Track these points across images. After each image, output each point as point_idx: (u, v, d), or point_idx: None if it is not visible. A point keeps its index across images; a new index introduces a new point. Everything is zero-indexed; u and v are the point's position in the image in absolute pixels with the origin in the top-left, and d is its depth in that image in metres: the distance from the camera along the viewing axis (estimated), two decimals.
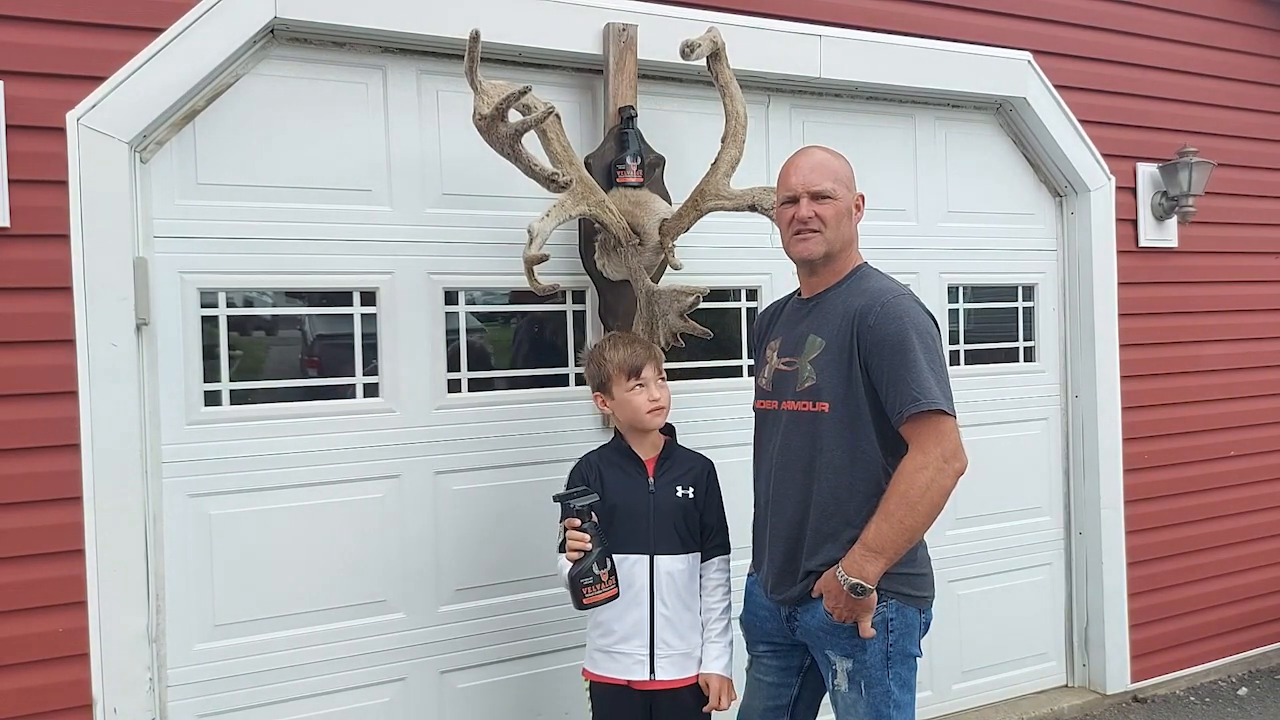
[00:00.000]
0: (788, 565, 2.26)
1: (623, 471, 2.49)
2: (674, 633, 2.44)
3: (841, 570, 2.11)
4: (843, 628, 2.16)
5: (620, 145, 2.99)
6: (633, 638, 2.43)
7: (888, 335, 2.12)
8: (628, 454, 2.52)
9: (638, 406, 2.46)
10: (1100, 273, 4.05)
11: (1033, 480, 4.07)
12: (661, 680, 2.43)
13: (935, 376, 2.11)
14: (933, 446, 2.08)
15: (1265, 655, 4.59)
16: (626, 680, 2.43)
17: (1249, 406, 4.47)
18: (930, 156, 3.82)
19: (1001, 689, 4.03)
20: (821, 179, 2.24)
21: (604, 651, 2.46)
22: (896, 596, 2.17)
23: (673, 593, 2.45)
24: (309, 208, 2.79)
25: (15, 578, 2.44)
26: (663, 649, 2.43)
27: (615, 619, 2.43)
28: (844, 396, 2.17)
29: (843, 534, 2.16)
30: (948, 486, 2.09)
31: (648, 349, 2.54)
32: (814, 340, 2.25)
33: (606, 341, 2.58)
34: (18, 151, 2.42)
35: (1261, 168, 4.50)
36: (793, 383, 2.27)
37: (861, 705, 2.19)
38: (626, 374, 2.46)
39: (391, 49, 2.89)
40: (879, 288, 2.22)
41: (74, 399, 2.47)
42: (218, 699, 2.70)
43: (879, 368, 2.13)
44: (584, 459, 2.56)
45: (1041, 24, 3.91)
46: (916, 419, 2.09)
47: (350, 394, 2.90)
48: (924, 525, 2.10)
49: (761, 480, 2.38)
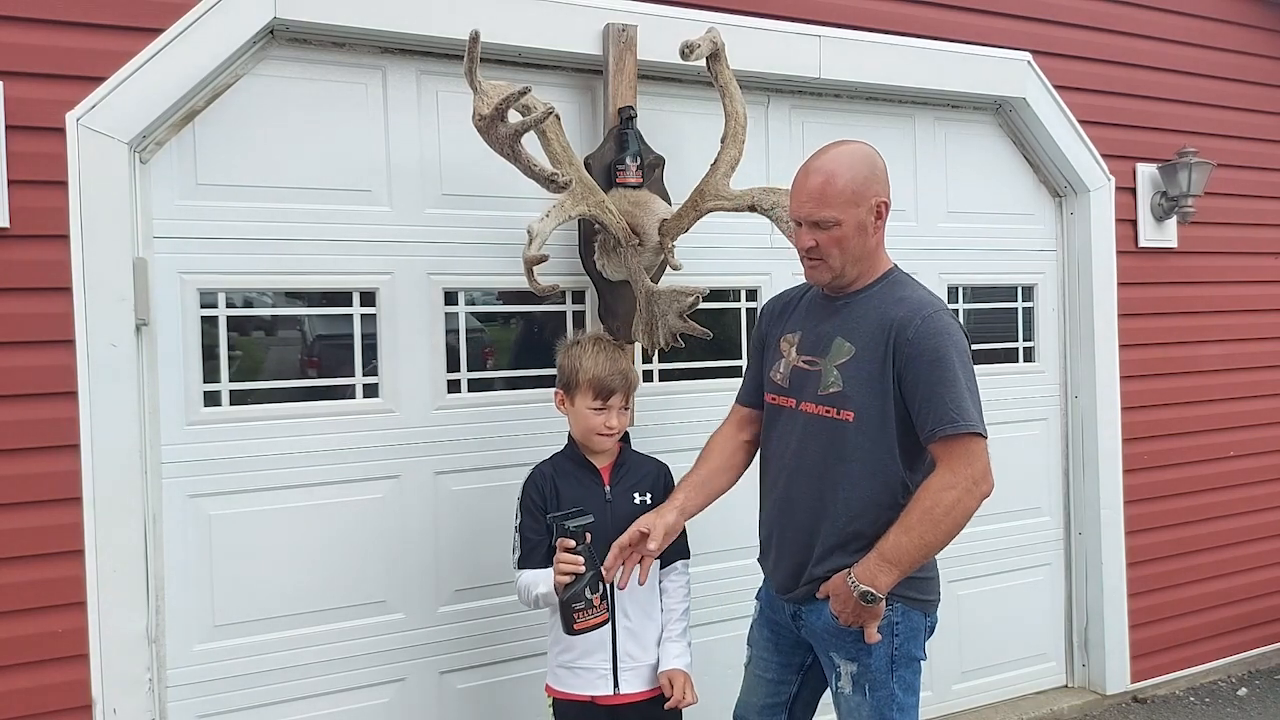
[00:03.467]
0: (796, 566, 2.25)
1: (578, 481, 2.43)
2: (637, 644, 2.40)
3: (853, 577, 2.09)
4: (848, 631, 2.15)
5: (620, 146, 2.99)
6: (595, 652, 2.37)
7: (926, 351, 2.08)
8: (582, 463, 2.46)
9: (591, 427, 2.41)
10: (1100, 273, 4.05)
11: (1032, 480, 4.07)
12: (627, 694, 2.38)
13: (971, 397, 2.09)
14: (963, 467, 2.06)
15: (1265, 655, 4.59)
16: (590, 696, 2.38)
17: (1249, 407, 4.48)
18: (930, 157, 3.82)
19: (1001, 689, 4.03)
20: (819, 209, 2.13)
21: (566, 667, 2.40)
22: (902, 600, 2.16)
23: (635, 604, 2.40)
24: (309, 208, 2.79)
25: (15, 578, 2.44)
26: (626, 662, 2.38)
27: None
28: (872, 408, 2.13)
29: (853, 543, 2.15)
30: (972, 508, 2.07)
31: (624, 375, 2.43)
32: (842, 344, 2.19)
33: (590, 346, 2.47)
34: (17, 152, 2.42)
35: (1261, 168, 4.50)
36: (815, 384, 2.22)
37: (865, 708, 2.18)
38: (595, 393, 2.39)
39: (391, 49, 2.89)
40: (918, 299, 2.17)
41: (74, 399, 2.47)
42: (217, 699, 2.70)
43: (913, 383, 2.09)
44: (537, 470, 2.49)
45: (1041, 24, 3.91)
46: (950, 439, 2.06)
47: (350, 394, 2.90)
48: (942, 544, 2.08)
49: (771, 476, 2.35)
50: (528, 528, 2.42)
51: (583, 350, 2.45)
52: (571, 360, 2.45)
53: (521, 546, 2.43)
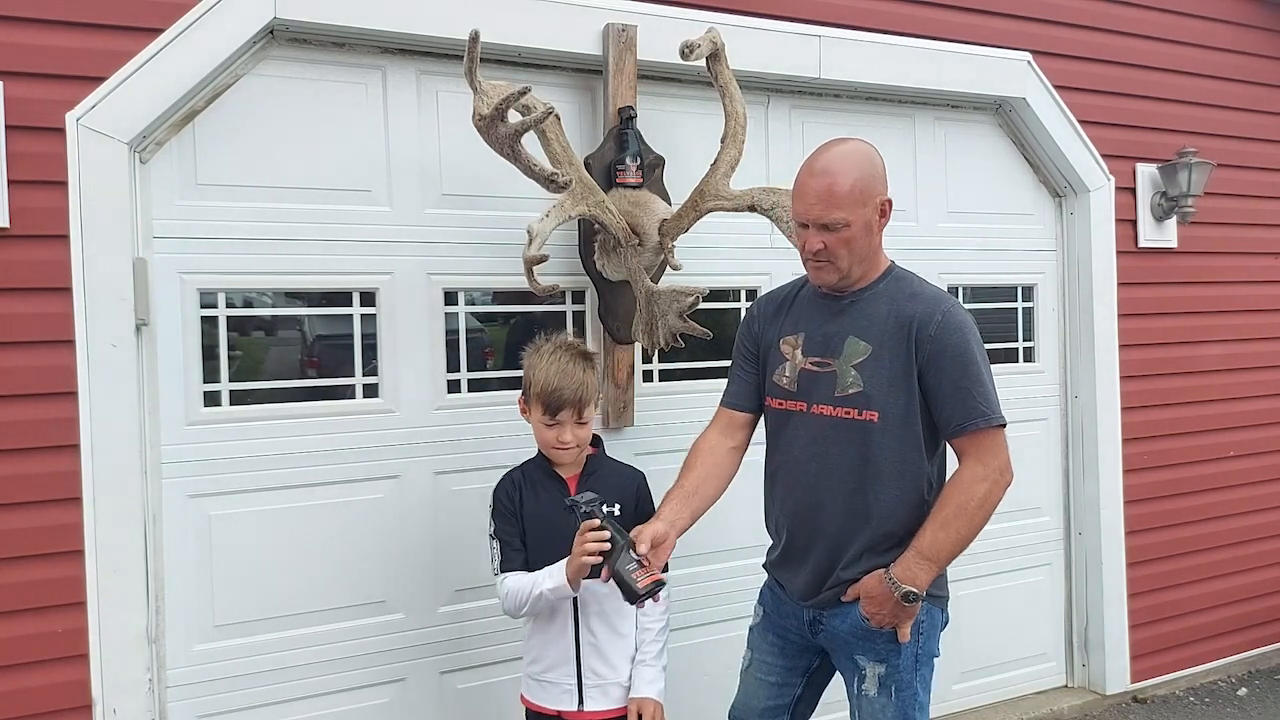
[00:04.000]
0: (822, 571, 2.22)
1: (544, 490, 2.35)
2: (602, 661, 2.31)
3: (893, 577, 2.08)
4: (878, 633, 2.14)
5: (620, 146, 2.99)
6: (559, 666, 2.31)
7: (950, 346, 2.09)
8: (549, 473, 2.37)
9: (546, 441, 2.32)
10: (1100, 273, 4.05)
11: (1032, 480, 4.07)
12: (592, 711, 2.30)
13: (994, 390, 2.12)
14: (990, 460, 2.09)
15: (1265, 655, 4.60)
16: (557, 710, 2.33)
17: (1248, 407, 4.48)
18: (930, 157, 3.82)
19: (1001, 689, 4.03)
20: (828, 210, 2.09)
21: (535, 679, 2.36)
22: (925, 598, 2.15)
23: (600, 618, 2.31)
24: (309, 208, 2.79)
25: (15, 578, 2.44)
26: (591, 678, 2.31)
27: (543, 646, 2.33)
28: (896, 407, 2.13)
29: (883, 544, 2.15)
30: (998, 500, 2.11)
31: (576, 390, 2.26)
32: (856, 343, 2.17)
33: (548, 354, 2.32)
34: (17, 152, 2.42)
35: (1261, 168, 4.50)
36: (830, 386, 2.19)
37: (890, 709, 2.16)
38: (543, 407, 2.28)
39: (391, 49, 2.89)
40: (933, 294, 2.18)
41: (74, 399, 2.47)
42: (217, 699, 2.70)
43: (938, 378, 2.10)
44: (507, 476, 2.41)
45: (1041, 24, 3.92)
46: (979, 433, 2.08)
47: (350, 394, 2.90)
48: (974, 537, 2.10)
49: (786, 483, 2.29)
50: (504, 532, 2.34)
51: (539, 357, 2.33)
52: (528, 369, 2.35)
53: (502, 551, 2.34)
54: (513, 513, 2.35)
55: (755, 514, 2.48)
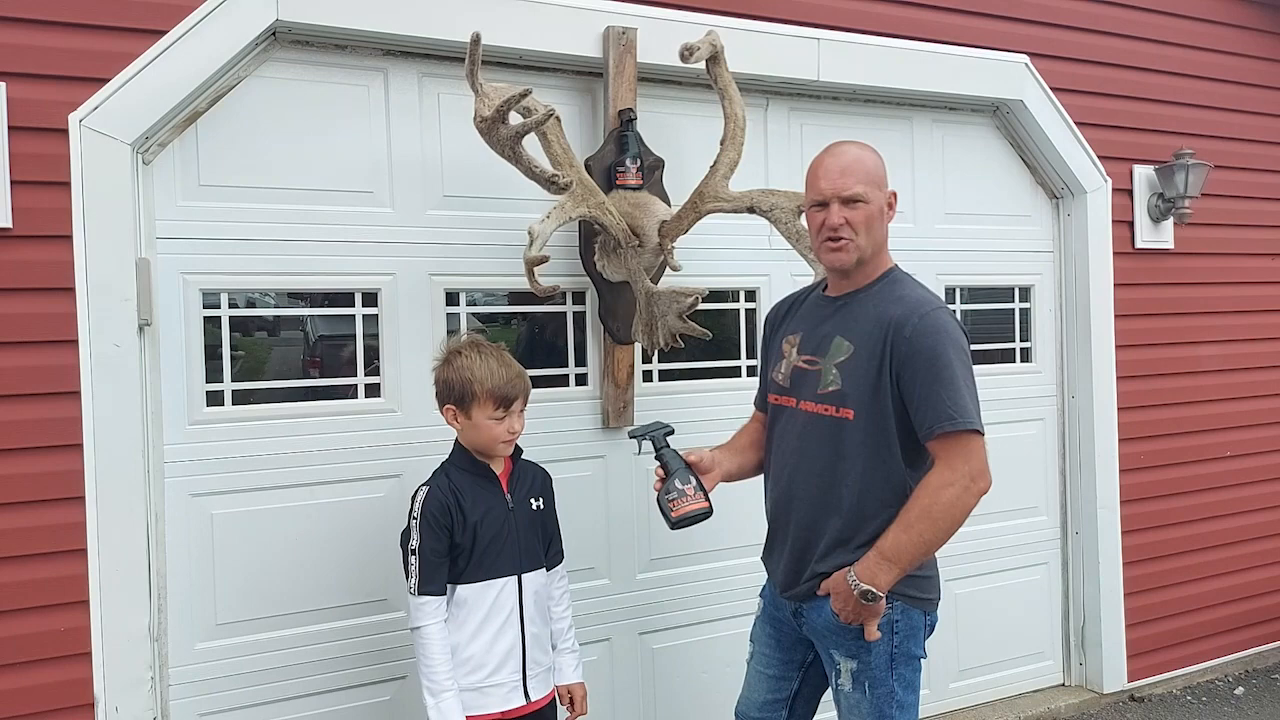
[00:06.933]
0: (798, 564, 2.27)
1: (483, 492, 2.35)
2: (540, 649, 2.40)
3: (853, 575, 2.10)
4: (848, 628, 2.16)
5: (620, 147, 3.01)
6: (504, 665, 2.33)
7: (922, 349, 2.10)
8: (483, 471, 2.37)
9: (495, 436, 2.32)
10: (1096, 274, 4.07)
11: (1029, 480, 4.09)
12: (535, 701, 2.36)
13: (970, 395, 2.10)
14: (960, 464, 2.07)
15: (1262, 655, 4.61)
16: (500, 712, 2.33)
17: (1245, 407, 4.49)
18: (927, 159, 3.84)
19: (998, 688, 4.05)
20: (852, 183, 2.17)
21: (475, 690, 2.30)
22: (902, 598, 2.17)
23: (539, 609, 2.40)
24: (311, 209, 2.80)
25: (17, 577, 2.46)
26: (533, 669, 2.37)
27: (484, 653, 2.30)
28: (870, 406, 2.15)
29: (854, 540, 2.17)
30: (970, 505, 2.09)
31: (520, 375, 2.34)
32: (840, 343, 2.22)
33: (476, 355, 2.32)
34: (20, 153, 2.43)
35: (1258, 169, 4.52)
36: (814, 383, 2.24)
37: (865, 705, 2.19)
38: (496, 403, 2.29)
39: (393, 52, 2.90)
40: (916, 298, 2.19)
41: (76, 399, 2.48)
42: (219, 698, 2.71)
43: (911, 381, 2.11)
44: (434, 485, 2.34)
45: (1038, 27, 3.93)
46: (948, 436, 2.07)
47: (352, 394, 2.92)
48: (942, 541, 2.10)
49: (774, 475, 2.37)
50: (430, 550, 2.27)
51: (469, 360, 2.31)
52: (459, 373, 2.31)
53: (422, 570, 2.26)
54: (446, 528, 2.28)
55: (751, 513, 2.50)
